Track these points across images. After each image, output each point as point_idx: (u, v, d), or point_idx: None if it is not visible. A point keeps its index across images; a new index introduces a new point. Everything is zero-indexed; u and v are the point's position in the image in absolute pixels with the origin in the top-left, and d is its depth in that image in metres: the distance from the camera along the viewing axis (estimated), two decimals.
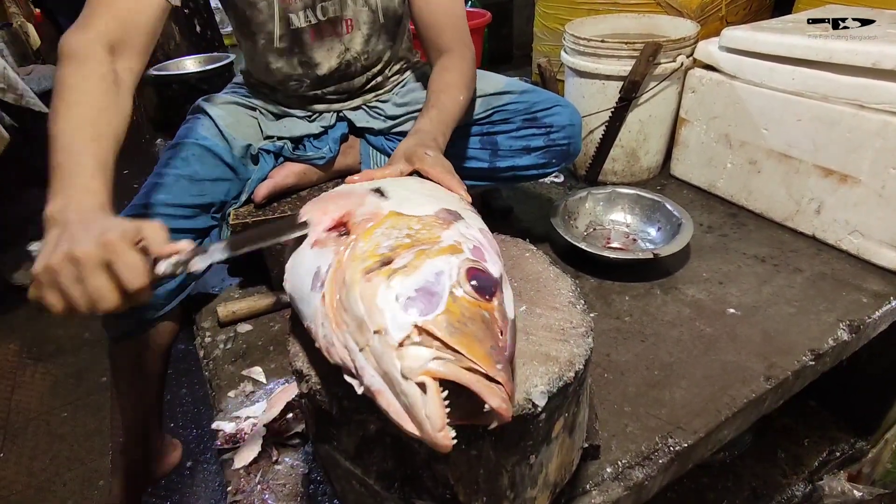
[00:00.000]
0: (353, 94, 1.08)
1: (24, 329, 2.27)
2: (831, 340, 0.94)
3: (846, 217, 1.12)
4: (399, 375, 0.40)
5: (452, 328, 0.42)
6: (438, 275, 0.45)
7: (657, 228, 1.23)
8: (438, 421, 0.39)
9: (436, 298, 0.44)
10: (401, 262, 0.47)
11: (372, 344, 0.43)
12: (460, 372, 0.40)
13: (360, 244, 0.50)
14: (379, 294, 0.44)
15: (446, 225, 0.52)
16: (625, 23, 1.52)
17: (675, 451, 0.77)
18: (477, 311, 0.44)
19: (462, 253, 0.48)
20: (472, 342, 0.42)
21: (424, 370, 0.40)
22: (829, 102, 1.08)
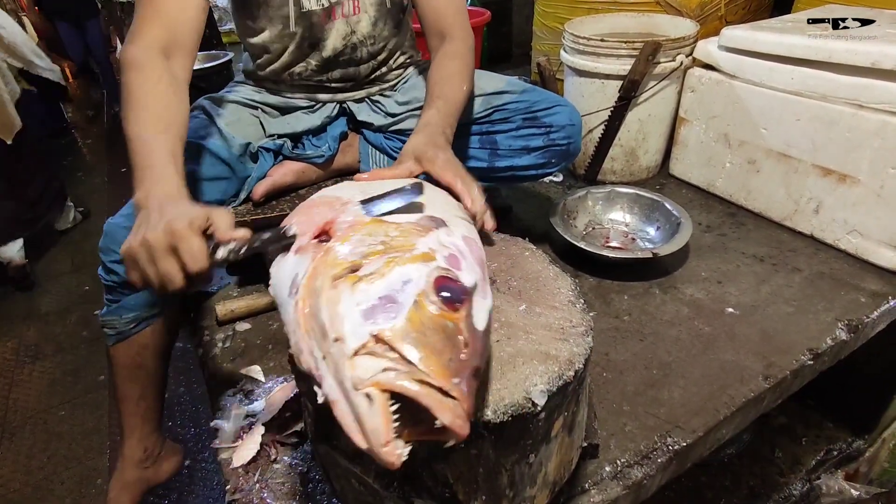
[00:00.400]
0: (357, 84, 1.08)
1: (22, 327, 2.27)
2: (829, 340, 0.94)
3: (845, 217, 1.12)
4: (350, 385, 0.39)
5: (410, 338, 0.41)
6: (405, 283, 0.44)
7: (656, 228, 1.23)
8: (381, 436, 0.38)
9: (398, 307, 0.42)
10: (368, 269, 0.46)
11: (332, 352, 0.41)
12: (409, 384, 0.39)
13: (334, 251, 0.49)
14: (342, 301, 0.43)
15: (424, 232, 0.51)
16: (624, 22, 1.52)
17: (674, 451, 0.77)
18: (440, 322, 0.43)
19: (434, 261, 0.47)
20: (430, 356, 0.40)
21: (373, 381, 0.39)
22: (829, 102, 1.09)
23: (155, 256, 0.56)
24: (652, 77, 1.31)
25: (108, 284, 0.92)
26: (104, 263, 0.91)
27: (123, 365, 0.98)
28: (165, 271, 0.56)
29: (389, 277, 0.44)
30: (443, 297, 0.44)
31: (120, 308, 0.93)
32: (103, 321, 0.94)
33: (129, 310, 0.93)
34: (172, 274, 0.56)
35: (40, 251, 2.70)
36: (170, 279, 0.56)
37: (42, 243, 2.75)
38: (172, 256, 0.56)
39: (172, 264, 0.56)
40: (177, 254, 0.56)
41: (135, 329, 0.94)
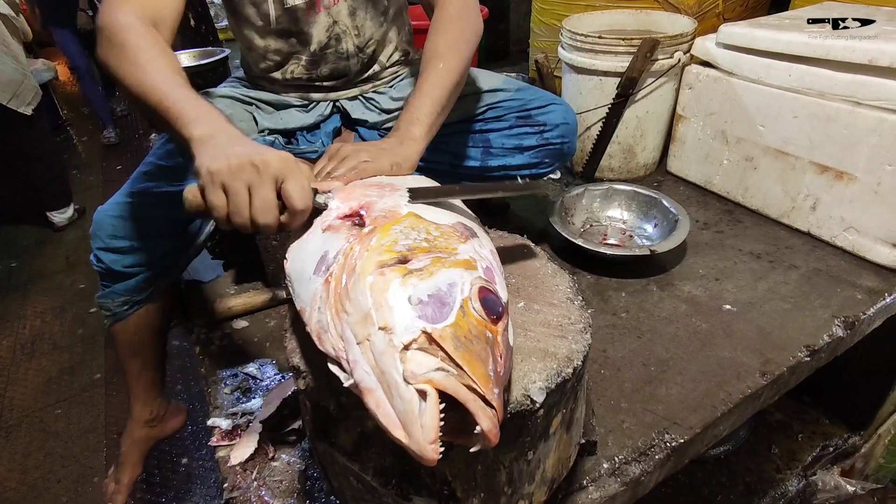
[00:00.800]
0: (349, 82, 1.07)
1: (18, 325, 2.26)
2: (826, 336, 0.94)
3: (841, 214, 1.12)
4: (399, 378, 0.39)
5: (458, 342, 0.41)
6: (451, 286, 0.44)
7: (654, 225, 1.23)
8: (432, 433, 0.38)
9: (447, 309, 0.43)
10: (418, 264, 0.46)
11: (374, 339, 0.42)
12: (460, 388, 0.39)
13: (377, 237, 0.49)
14: (391, 290, 0.43)
15: (464, 239, 0.51)
16: (622, 19, 1.52)
17: (672, 447, 0.77)
18: (483, 331, 0.43)
19: (476, 270, 0.47)
20: (475, 361, 0.41)
21: (427, 378, 0.39)
22: (826, 99, 1.09)
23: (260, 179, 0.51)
24: (650, 74, 1.31)
25: (99, 270, 0.95)
26: (94, 252, 0.93)
27: (123, 343, 1.03)
28: (263, 200, 0.51)
29: (437, 277, 0.45)
30: (485, 307, 0.44)
31: (111, 292, 0.96)
32: (99, 303, 0.98)
33: (119, 294, 0.96)
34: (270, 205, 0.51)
35: (35, 249, 2.69)
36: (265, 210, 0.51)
37: (37, 241, 2.74)
38: (275, 186, 0.52)
39: (272, 194, 0.51)
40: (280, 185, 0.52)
41: (128, 311, 0.98)
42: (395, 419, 0.39)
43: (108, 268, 0.92)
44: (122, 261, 0.92)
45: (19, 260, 2.66)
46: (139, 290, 0.96)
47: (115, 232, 0.90)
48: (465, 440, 0.42)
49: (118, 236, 0.90)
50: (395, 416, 0.40)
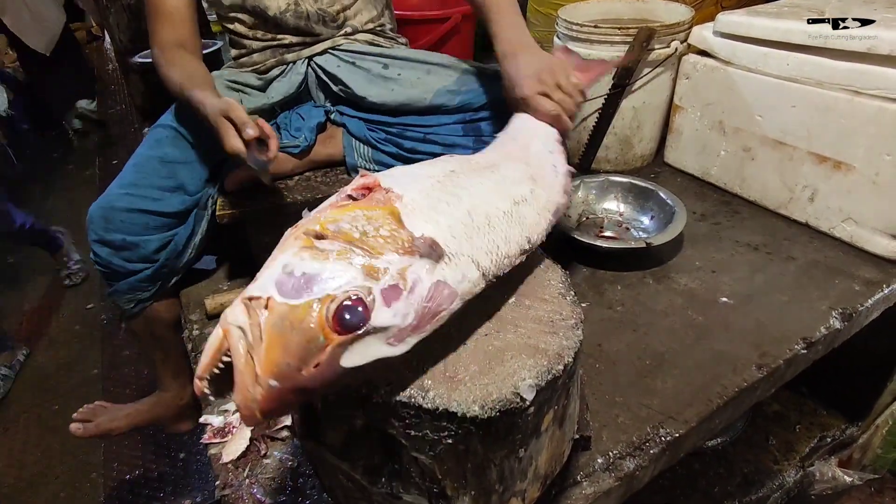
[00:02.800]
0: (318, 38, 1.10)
1: (16, 322, 2.25)
2: (823, 328, 0.93)
3: (840, 204, 1.11)
4: (225, 315, 0.43)
5: (280, 321, 0.42)
6: (329, 278, 0.44)
7: (650, 217, 1.22)
8: (201, 367, 0.43)
9: (304, 293, 0.43)
10: (327, 245, 0.46)
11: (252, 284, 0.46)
12: (240, 354, 0.41)
13: (331, 211, 0.51)
14: (284, 253, 0.46)
15: (403, 251, 0.47)
16: (618, 7, 1.50)
17: (667, 441, 0.76)
18: (315, 332, 0.41)
19: (377, 282, 0.44)
20: (277, 346, 0.41)
21: (224, 326, 0.42)
22: (824, 88, 1.07)
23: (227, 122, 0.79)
24: (646, 64, 1.29)
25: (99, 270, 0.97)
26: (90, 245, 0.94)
27: (140, 334, 1.07)
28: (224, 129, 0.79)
29: (326, 265, 0.45)
30: (338, 316, 0.42)
31: (116, 291, 0.98)
32: (113, 300, 1.02)
33: (124, 293, 0.98)
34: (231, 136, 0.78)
35: (30, 245, 2.68)
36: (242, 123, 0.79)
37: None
38: None
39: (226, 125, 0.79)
40: None
41: (135, 308, 1.01)
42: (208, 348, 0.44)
43: (107, 264, 0.93)
44: (118, 255, 0.92)
45: (16, 256, 2.65)
46: (142, 288, 0.98)
47: (108, 224, 0.90)
48: None
49: (111, 229, 0.91)
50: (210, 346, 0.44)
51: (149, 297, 1.01)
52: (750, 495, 1.28)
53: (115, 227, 0.91)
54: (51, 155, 3.59)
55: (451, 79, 1.04)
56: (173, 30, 0.97)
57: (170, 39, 0.96)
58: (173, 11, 0.97)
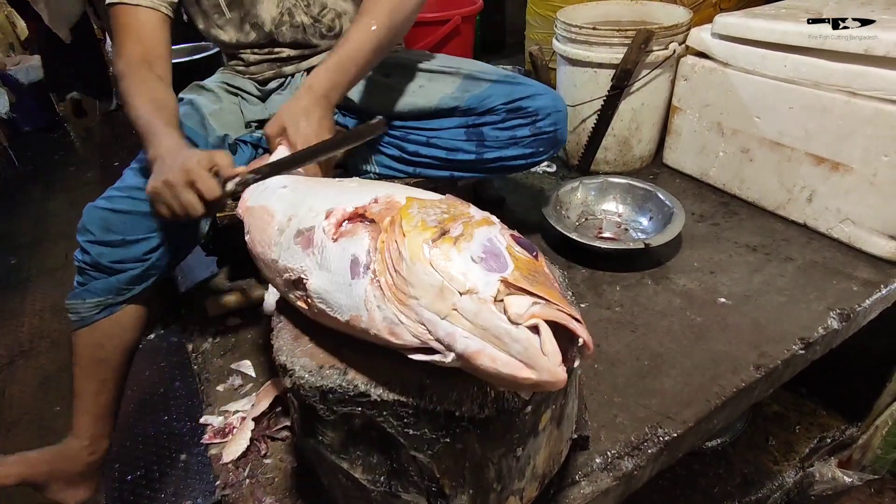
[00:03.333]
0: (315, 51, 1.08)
1: (16, 324, 2.26)
2: (821, 329, 0.94)
3: (838, 205, 1.12)
4: (507, 324, 0.42)
5: (529, 280, 0.44)
6: (491, 240, 0.47)
7: (649, 218, 1.22)
8: (557, 355, 0.41)
9: (501, 259, 0.46)
10: (456, 231, 0.48)
11: (461, 306, 0.43)
12: (558, 313, 0.42)
13: (404, 222, 0.49)
14: (454, 259, 0.45)
15: (465, 205, 0.54)
16: (617, 10, 1.51)
17: (665, 441, 0.77)
18: (536, 266, 0.48)
19: (496, 224, 0.51)
20: (549, 289, 0.44)
21: (531, 314, 0.42)
22: (821, 90, 1.08)
23: (176, 191, 0.69)
24: (645, 66, 1.30)
25: (80, 266, 0.91)
26: (81, 245, 0.90)
27: (84, 355, 0.94)
28: (187, 201, 0.69)
29: (478, 236, 0.47)
30: (525, 248, 0.49)
31: (85, 291, 0.91)
32: (68, 305, 0.92)
33: (95, 294, 0.90)
34: (193, 203, 0.69)
35: (33, 246, 2.69)
36: (192, 207, 0.69)
37: (34, 238, 2.74)
38: (191, 190, 0.69)
39: (192, 195, 0.69)
40: (194, 187, 0.69)
41: (98, 315, 0.91)
42: (516, 363, 0.42)
43: (95, 261, 0.89)
44: (112, 255, 0.90)
45: (17, 256, 2.65)
46: (119, 290, 0.91)
47: (108, 226, 0.89)
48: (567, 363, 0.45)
49: (111, 230, 0.89)
50: (515, 361, 0.42)
51: (121, 301, 0.92)
52: (750, 496, 1.28)
53: (115, 230, 0.90)
54: (52, 157, 3.60)
55: (453, 85, 1.03)
56: (140, 44, 0.91)
57: (136, 54, 0.90)
58: (141, 26, 0.91)
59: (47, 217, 2.88)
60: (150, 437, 1.68)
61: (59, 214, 2.88)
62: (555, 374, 0.41)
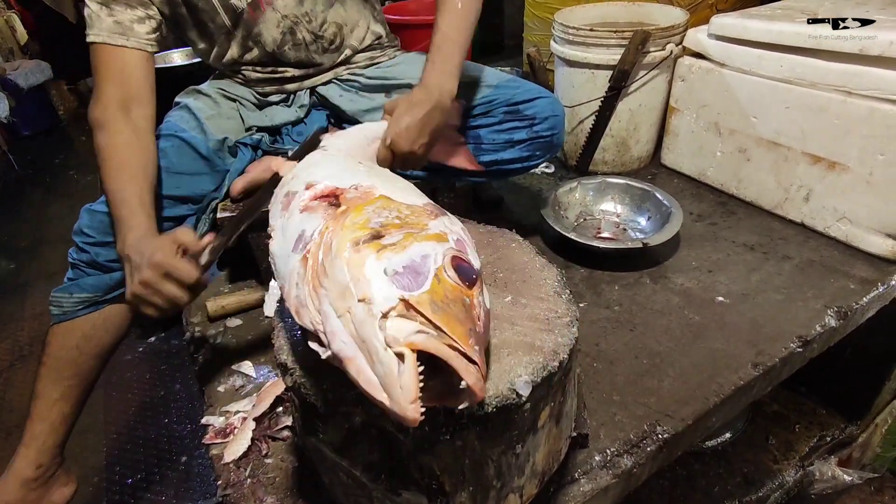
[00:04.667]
0: (320, 69, 1.08)
1: (16, 328, 2.26)
2: (819, 327, 0.94)
3: (834, 204, 1.12)
4: (379, 344, 0.41)
5: (436, 306, 0.43)
6: (425, 257, 0.46)
7: (647, 218, 1.23)
8: (411, 392, 0.39)
9: (421, 278, 0.45)
10: (390, 239, 0.48)
11: (354, 311, 0.43)
12: (441, 346, 0.41)
13: (351, 216, 0.51)
14: (367, 265, 0.45)
15: (433, 216, 0.53)
16: (614, 11, 1.51)
17: (664, 439, 0.77)
18: (458, 295, 0.46)
19: (447, 242, 0.49)
20: (454, 322, 0.43)
21: (407, 342, 0.41)
22: (817, 89, 1.08)
23: (155, 289, 0.68)
24: (642, 66, 1.31)
25: (73, 262, 0.91)
26: (77, 244, 0.90)
27: (56, 356, 0.91)
28: (170, 294, 0.68)
29: (410, 250, 0.47)
30: (458, 274, 0.47)
31: (74, 286, 0.90)
32: (52, 298, 0.91)
33: (83, 289, 0.90)
34: (176, 294, 0.68)
35: (32, 251, 2.70)
36: (177, 298, 0.68)
37: (34, 243, 2.74)
38: (169, 281, 0.68)
39: (172, 287, 0.68)
40: (171, 277, 0.67)
41: (81, 311, 0.90)
42: (375, 383, 0.41)
43: (92, 259, 0.89)
44: (109, 254, 0.89)
45: (17, 261, 2.66)
46: (109, 288, 0.90)
47: (106, 229, 0.89)
48: (450, 401, 0.44)
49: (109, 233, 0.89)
50: (376, 381, 0.41)
51: (108, 299, 0.91)
52: (750, 495, 1.28)
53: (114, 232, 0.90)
54: (51, 161, 3.61)
55: None
56: (121, 88, 0.86)
57: (115, 99, 0.85)
58: (123, 67, 0.86)
59: (47, 221, 2.88)
60: (150, 439, 1.69)
61: (58, 219, 2.89)
62: (403, 409, 0.39)
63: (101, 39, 0.86)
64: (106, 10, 0.86)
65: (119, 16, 0.87)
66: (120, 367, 1.99)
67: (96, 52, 0.87)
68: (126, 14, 0.87)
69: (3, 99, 3.24)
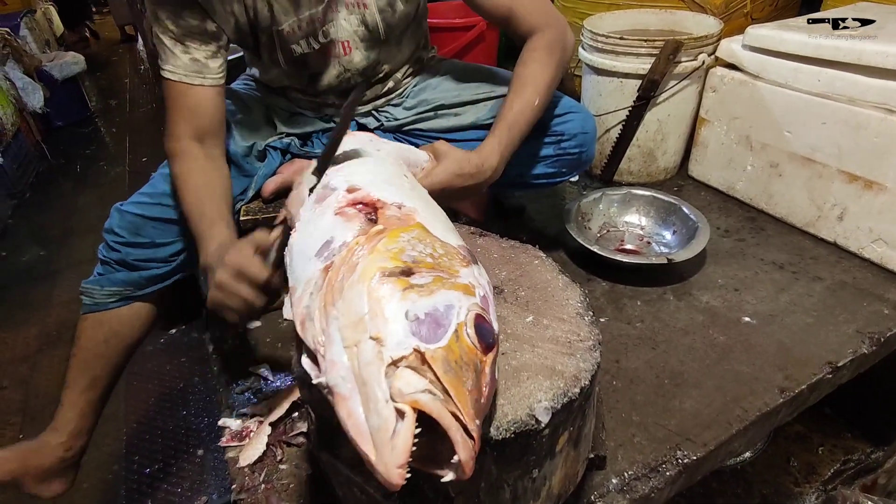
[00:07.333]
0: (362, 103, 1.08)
1: (43, 314, 2.32)
2: (850, 353, 0.91)
3: (870, 224, 1.08)
4: (381, 393, 0.38)
5: (448, 367, 0.40)
6: (449, 308, 0.43)
7: (672, 232, 1.20)
8: (402, 456, 0.36)
9: (441, 331, 0.41)
10: (420, 279, 0.44)
11: (362, 347, 0.40)
12: (445, 414, 0.38)
13: (385, 241, 0.48)
14: (390, 301, 0.42)
15: (466, 263, 0.50)
16: (645, 18, 1.48)
17: (683, 464, 0.75)
18: (473, 359, 0.42)
19: (474, 296, 0.46)
20: (462, 389, 0.40)
21: (412, 399, 0.37)
22: (857, 106, 1.05)
23: (230, 291, 0.66)
24: (672, 76, 1.28)
25: (103, 259, 0.93)
26: (107, 243, 0.92)
27: (86, 347, 0.94)
28: (243, 294, 0.66)
29: (437, 296, 0.43)
30: (479, 335, 0.43)
31: (105, 279, 0.92)
32: (83, 288, 0.93)
33: (114, 283, 0.92)
34: (248, 293, 0.66)
35: (62, 239, 2.76)
36: (249, 296, 0.66)
37: (64, 232, 2.81)
38: (241, 281, 0.66)
39: (244, 287, 0.66)
40: (243, 277, 0.66)
41: (112, 304, 0.93)
42: (366, 433, 0.38)
43: (122, 259, 0.91)
44: (141, 254, 0.92)
45: (47, 249, 2.73)
46: (140, 285, 0.92)
47: (138, 231, 0.91)
48: (433, 468, 0.40)
49: (140, 235, 0.91)
50: (366, 429, 0.38)
51: (138, 295, 0.93)
52: None
53: (145, 234, 0.91)
54: (83, 151, 3.69)
55: (485, 107, 1.03)
56: (193, 123, 0.88)
57: (188, 132, 0.88)
58: (196, 104, 0.88)
59: (76, 211, 2.95)
60: (168, 431, 1.71)
61: (88, 209, 2.95)
62: (387, 471, 0.36)
63: (177, 77, 0.86)
64: (181, 47, 0.85)
65: (195, 53, 0.86)
66: (141, 357, 2.03)
67: (171, 88, 0.87)
68: (201, 51, 0.87)
69: (38, 90, 3.33)
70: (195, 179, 0.85)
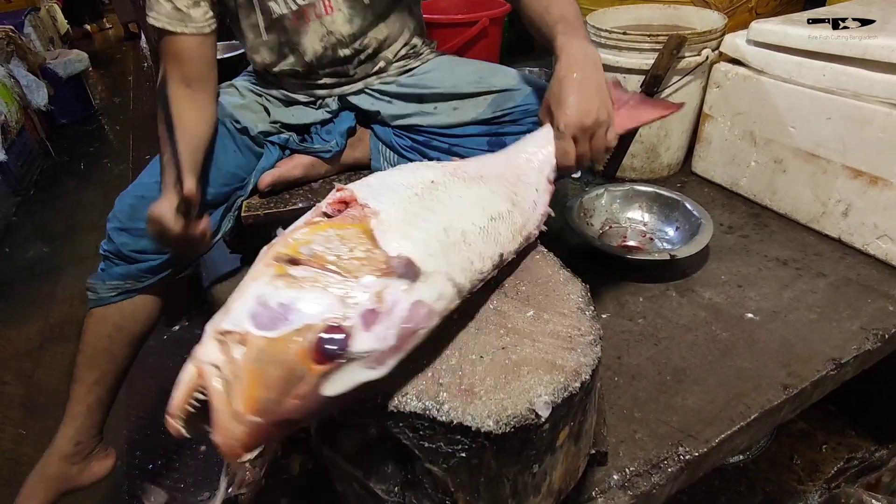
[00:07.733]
0: (352, 79, 1.07)
1: (47, 310, 2.33)
2: (854, 350, 0.91)
3: (875, 220, 1.08)
4: (196, 352, 0.43)
5: (259, 356, 0.41)
6: (301, 309, 0.43)
7: (675, 228, 1.19)
8: (172, 404, 0.42)
9: (280, 323, 0.42)
10: (299, 272, 0.45)
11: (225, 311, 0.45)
12: (216, 392, 0.40)
13: (303, 231, 0.50)
14: (256, 281, 0.45)
15: (381, 273, 0.46)
16: (649, 14, 1.48)
17: (685, 460, 0.75)
18: (293, 363, 0.41)
19: (349, 308, 0.44)
20: (257, 383, 0.40)
21: (199, 364, 0.41)
22: (862, 101, 1.04)
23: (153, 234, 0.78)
24: (676, 72, 1.27)
25: (104, 254, 0.95)
26: (107, 234, 0.94)
27: (91, 344, 0.96)
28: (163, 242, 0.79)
29: (300, 293, 0.44)
30: (320, 344, 0.42)
31: (106, 274, 0.94)
32: (88, 285, 0.96)
33: (114, 278, 0.94)
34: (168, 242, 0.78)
35: (66, 235, 2.77)
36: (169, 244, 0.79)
37: (68, 229, 2.82)
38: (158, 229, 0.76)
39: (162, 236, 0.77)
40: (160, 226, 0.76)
41: (115, 298, 0.94)
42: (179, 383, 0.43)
43: (118, 250, 0.93)
44: (134, 244, 0.92)
45: (51, 246, 2.74)
46: (139, 277, 0.94)
47: (135, 213, 0.91)
48: None
49: (136, 217, 0.91)
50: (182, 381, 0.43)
51: (139, 288, 0.95)
52: None
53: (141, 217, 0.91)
54: (87, 149, 3.70)
55: (485, 102, 1.02)
56: (180, 68, 0.92)
57: (176, 76, 0.92)
58: (183, 51, 0.91)
59: (80, 208, 2.96)
60: None
61: (91, 206, 2.96)
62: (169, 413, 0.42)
63: (160, 24, 0.90)
64: None
65: (176, 2, 0.89)
66: (143, 353, 2.02)
67: (158, 35, 0.92)
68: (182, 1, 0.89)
69: (42, 87, 3.34)
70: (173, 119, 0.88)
